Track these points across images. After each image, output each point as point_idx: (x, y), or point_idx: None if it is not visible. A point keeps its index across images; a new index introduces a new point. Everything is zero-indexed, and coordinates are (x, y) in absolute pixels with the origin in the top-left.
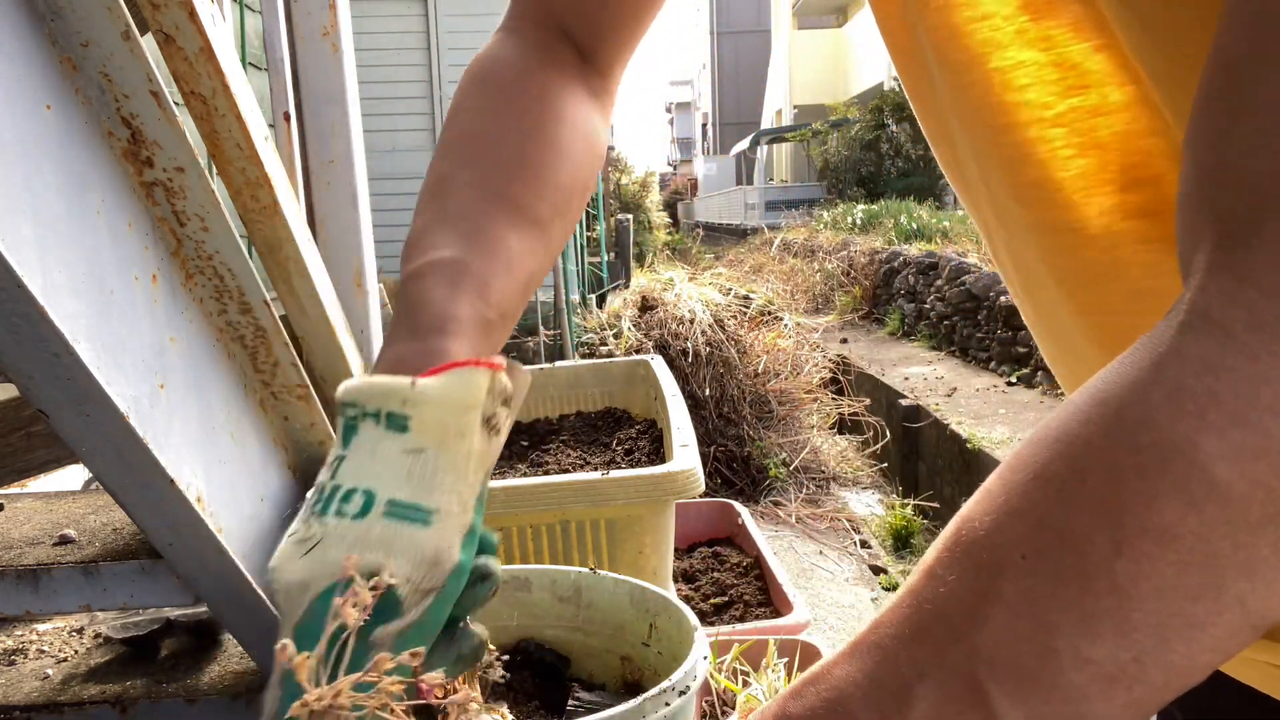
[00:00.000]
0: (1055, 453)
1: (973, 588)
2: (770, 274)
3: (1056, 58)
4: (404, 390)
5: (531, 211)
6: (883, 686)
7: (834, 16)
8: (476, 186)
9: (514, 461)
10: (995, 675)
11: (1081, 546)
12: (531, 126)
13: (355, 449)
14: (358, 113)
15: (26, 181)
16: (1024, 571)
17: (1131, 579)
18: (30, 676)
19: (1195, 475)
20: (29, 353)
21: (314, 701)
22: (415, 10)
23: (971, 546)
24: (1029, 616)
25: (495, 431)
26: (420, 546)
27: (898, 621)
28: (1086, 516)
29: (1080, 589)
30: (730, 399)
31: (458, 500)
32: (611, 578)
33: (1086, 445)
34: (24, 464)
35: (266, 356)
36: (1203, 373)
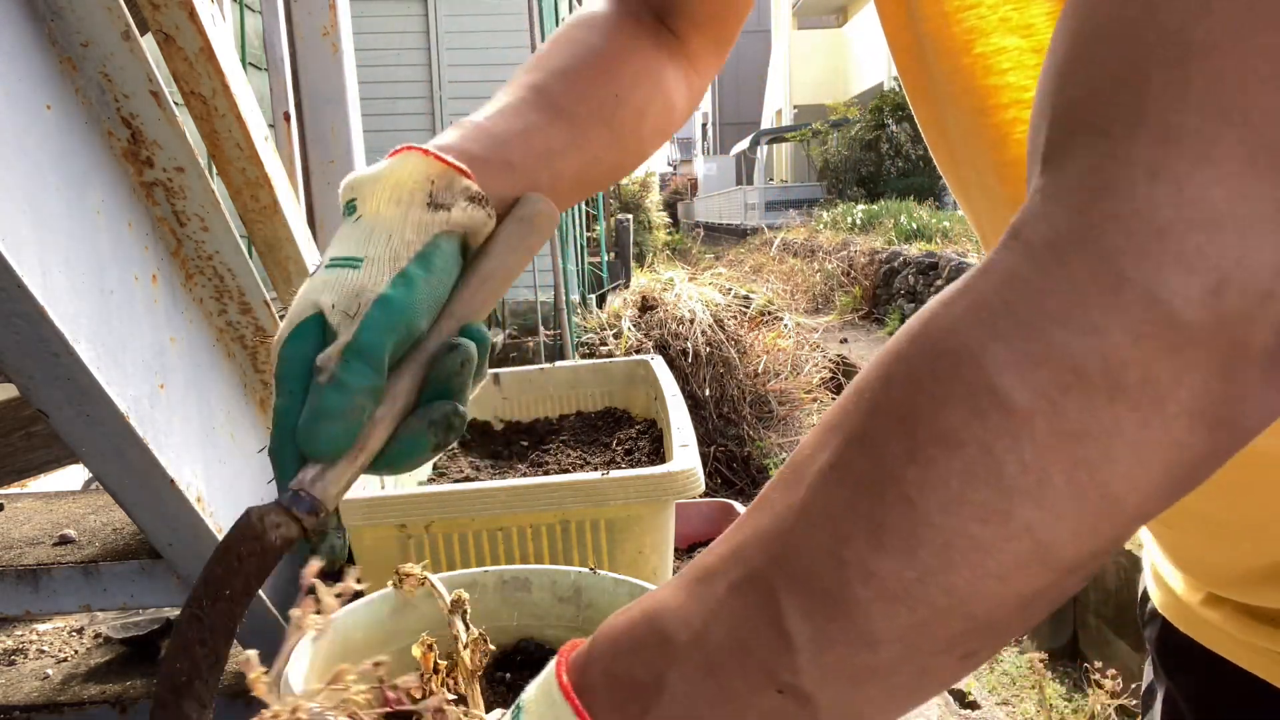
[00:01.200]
0: (872, 367)
1: (786, 502)
2: (770, 274)
3: (1035, 44)
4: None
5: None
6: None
7: (834, 16)
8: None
9: (514, 461)
10: (790, 588)
11: (879, 454)
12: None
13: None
14: (358, 113)
15: (26, 181)
16: (829, 482)
17: (919, 488)
18: (30, 676)
19: (981, 382)
20: (29, 353)
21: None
22: (415, 10)
23: (795, 465)
24: (826, 528)
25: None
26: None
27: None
28: (885, 423)
29: (873, 499)
30: (730, 399)
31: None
32: (611, 578)
33: (895, 356)
34: (24, 464)
35: (266, 356)
36: (1002, 285)
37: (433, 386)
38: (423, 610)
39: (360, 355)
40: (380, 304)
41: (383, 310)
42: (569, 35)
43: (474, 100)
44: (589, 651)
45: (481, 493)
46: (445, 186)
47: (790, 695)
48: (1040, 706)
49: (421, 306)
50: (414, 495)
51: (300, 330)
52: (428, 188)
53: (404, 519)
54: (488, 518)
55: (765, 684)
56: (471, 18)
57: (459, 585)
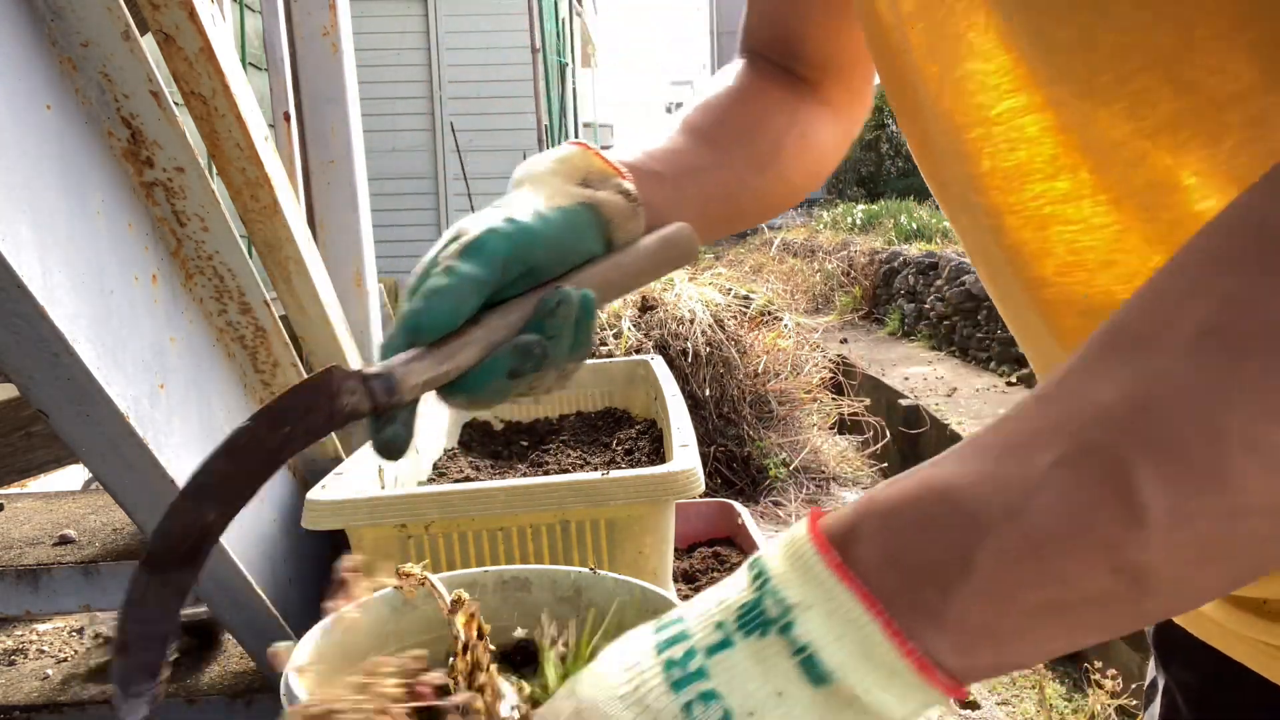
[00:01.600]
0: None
1: (1137, 372)
2: (770, 274)
3: (995, 67)
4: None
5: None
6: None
7: None
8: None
9: (514, 461)
10: (1149, 458)
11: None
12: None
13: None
14: (358, 113)
15: (26, 181)
16: (1204, 349)
17: None
18: (30, 676)
19: None
20: (29, 353)
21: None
22: (415, 10)
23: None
24: (1203, 394)
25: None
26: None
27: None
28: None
29: (1266, 363)
30: (730, 399)
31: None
32: (612, 578)
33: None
34: (24, 464)
35: (266, 356)
36: None
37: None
38: (423, 610)
39: (473, 251)
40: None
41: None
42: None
43: (474, 100)
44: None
45: (481, 493)
46: (599, 175)
47: (1126, 575)
48: (1040, 706)
49: (543, 243)
50: (414, 495)
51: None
52: (584, 171)
53: (404, 519)
54: (488, 518)
55: (1100, 562)
56: (471, 18)
57: (459, 585)
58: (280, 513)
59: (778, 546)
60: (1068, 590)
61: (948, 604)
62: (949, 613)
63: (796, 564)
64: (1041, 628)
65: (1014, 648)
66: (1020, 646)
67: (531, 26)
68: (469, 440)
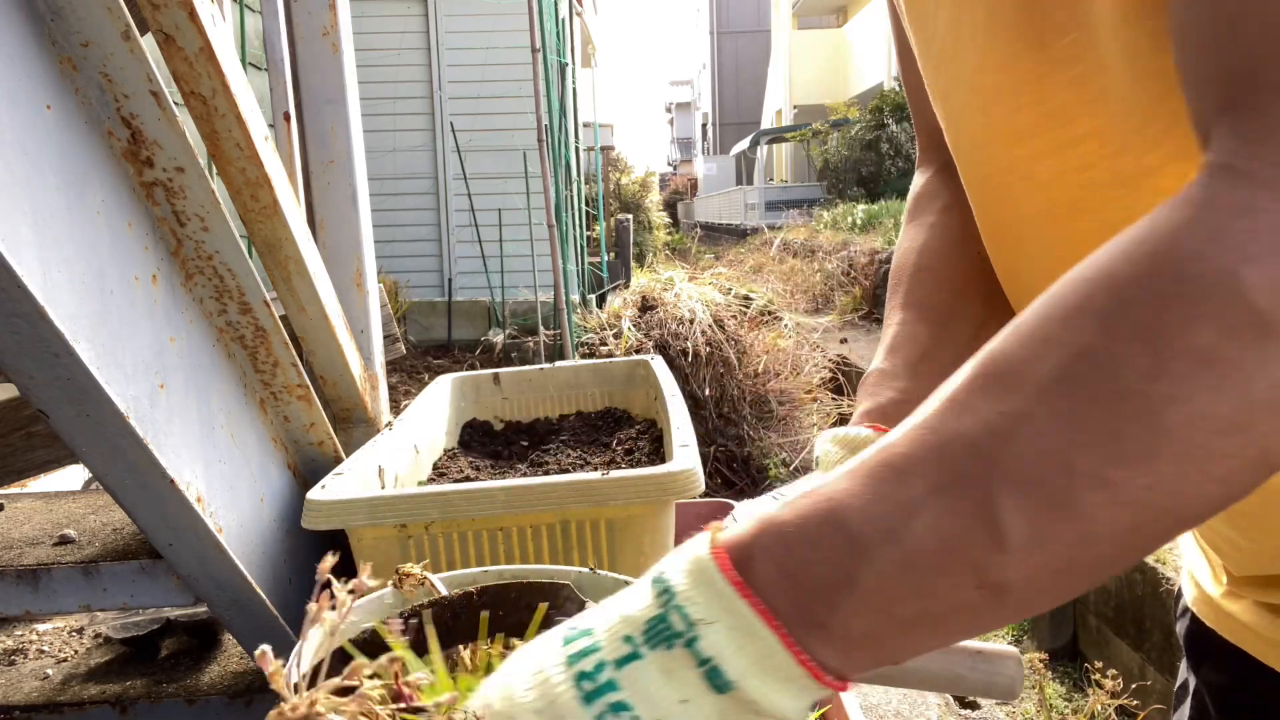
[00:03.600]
0: (1097, 287)
1: (1001, 409)
2: (770, 274)
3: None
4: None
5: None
6: (885, 500)
7: (834, 16)
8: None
9: (514, 461)
10: (1009, 489)
11: (1120, 370)
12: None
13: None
14: (358, 113)
15: (26, 181)
16: (1059, 394)
17: (1166, 402)
18: (30, 676)
19: (1236, 303)
20: (29, 353)
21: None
22: (415, 10)
23: (1002, 375)
24: (1057, 435)
25: None
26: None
27: (910, 442)
28: (1127, 341)
29: (1113, 411)
30: (730, 399)
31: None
32: (611, 578)
33: (1131, 280)
34: (24, 464)
35: (266, 356)
36: (1239, 215)
37: None
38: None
39: None
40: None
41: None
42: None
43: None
44: (751, 545)
45: (481, 493)
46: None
47: (989, 590)
48: (1040, 706)
49: None
50: (414, 495)
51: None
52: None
53: (404, 519)
54: (488, 518)
55: (967, 581)
56: (471, 18)
57: (459, 585)
58: (280, 513)
59: (680, 563)
60: (937, 603)
61: (834, 616)
62: (835, 624)
63: (699, 581)
64: (914, 633)
65: (889, 650)
66: (896, 648)
67: (531, 26)
68: (469, 440)
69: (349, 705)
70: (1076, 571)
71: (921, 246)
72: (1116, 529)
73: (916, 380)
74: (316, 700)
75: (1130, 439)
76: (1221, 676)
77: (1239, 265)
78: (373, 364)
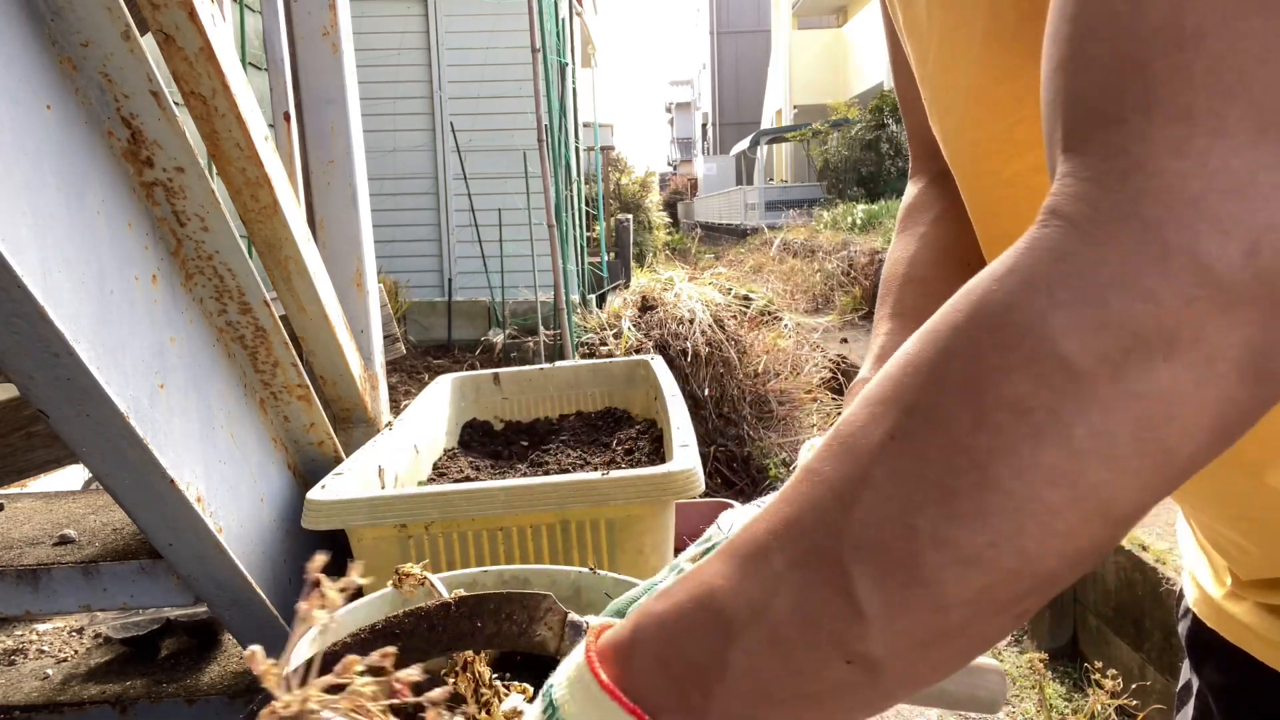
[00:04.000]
0: (925, 342)
1: (845, 475)
2: (770, 274)
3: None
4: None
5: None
6: (750, 577)
7: (834, 16)
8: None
9: (514, 461)
10: (859, 558)
11: (946, 423)
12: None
13: None
14: (358, 113)
15: (26, 181)
16: (893, 453)
17: (990, 455)
18: (30, 676)
19: (1045, 349)
20: (29, 353)
21: (282, 709)
22: (415, 10)
23: (845, 439)
24: (895, 497)
25: None
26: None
27: (771, 518)
28: (950, 395)
29: (943, 466)
30: (730, 399)
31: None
32: (611, 577)
33: (952, 330)
34: (24, 464)
35: (266, 356)
36: (1054, 260)
37: None
38: None
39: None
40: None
41: None
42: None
43: (474, 100)
44: (631, 638)
45: (481, 493)
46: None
47: (859, 664)
48: (1040, 706)
49: None
50: (414, 495)
51: None
52: None
53: (404, 519)
54: (488, 518)
55: (834, 655)
56: (471, 18)
57: (459, 585)
58: (280, 513)
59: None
60: (811, 682)
61: (709, 703)
62: (713, 710)
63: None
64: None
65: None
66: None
67: (531, 26)
68: (469, 440)
69: (341, 702)
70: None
71: (911, 257)
72: (969, 591)
73: None
74: (309, 698)
75: (962, 496)
76: (1224, 678)
77: (1048, 311)
78: (373, 364)
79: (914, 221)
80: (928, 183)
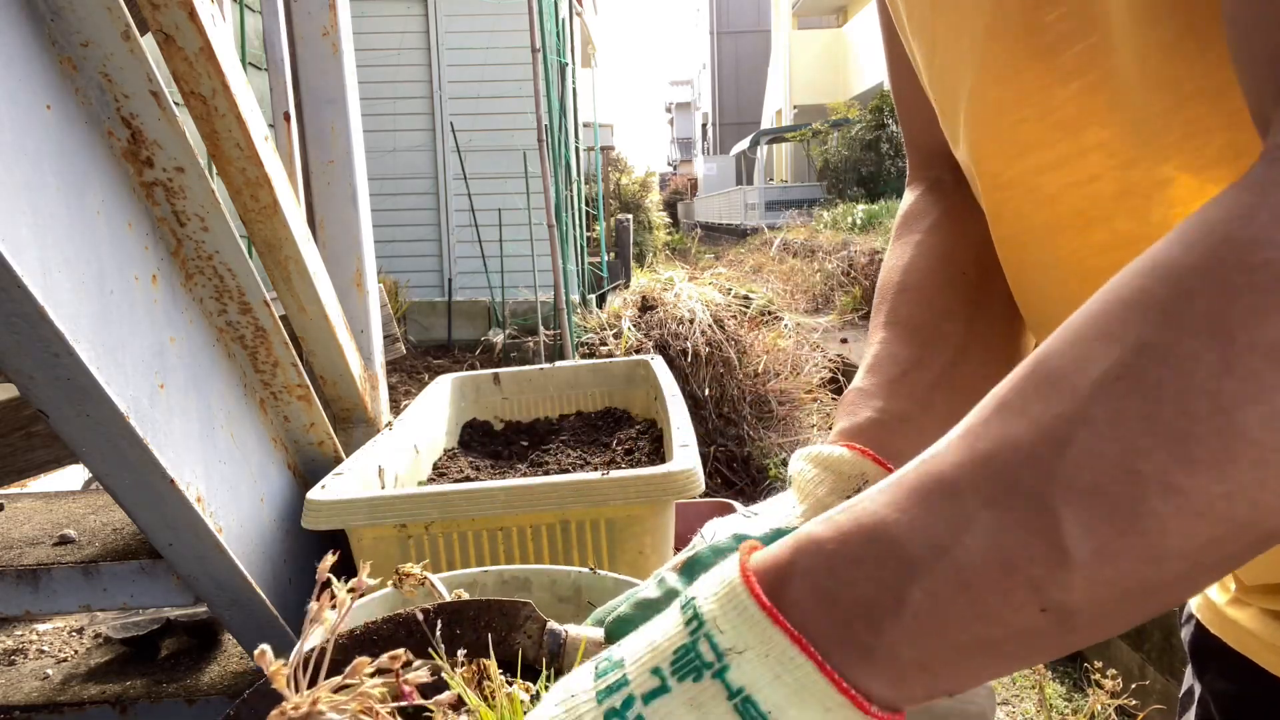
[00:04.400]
0: (1156, 279)
1: (1056, 412)
2: (770, 274)
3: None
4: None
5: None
6: (934, 515)
7: (834, 16)
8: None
9: (514, 461)
10: (1070, 499)
11: (1186, 365)
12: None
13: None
14: (358, 113)
15: (26, 181)
16: (1118, 393)
17: (1238, 400)
18: (30, 676)
19: None
20: (29, 353)
21: (291, 709)
22: (415, 10)
23: (1054, 375)
24: (1118, 439)
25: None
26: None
27: (957, 451)
28: (1193, 335)
29: (1180, 410)
30: (730, 399)
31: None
32: (611, 577)
33: (1193, 269)
34: (24, 464)
35: (266, 356)
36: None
37: None
38: None
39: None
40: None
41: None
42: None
43: (474, 100)
44: (789, 564)
45: (481, 493)
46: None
47: (1053, 612)
48: (1040, 706)
49: None
50: (414, 495)
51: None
52: (857, 481)
53: (404, 519)
54: (488, 518)
55: (1029, 602)
56: (471, 18)
57: (459, 585)
58: (280, 513)
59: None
60: (996, 627)
61: (880, 640)
62: (881, 649)
63: (729, 606)
64: (972, 660)
65: (946, 678)
66: (952, 676)
67: (531, 26)
68: (469, 440)
69: (350, 703)
70: (1151, 591)
71: (906, 265)
72: (1193, 543)
73: (895, 401)
74: (319, 699)
75: (1200, 441)
76: (1227, 684)
77: None
78: (373, 364)
79: (910, 229)
80: (924, 189)
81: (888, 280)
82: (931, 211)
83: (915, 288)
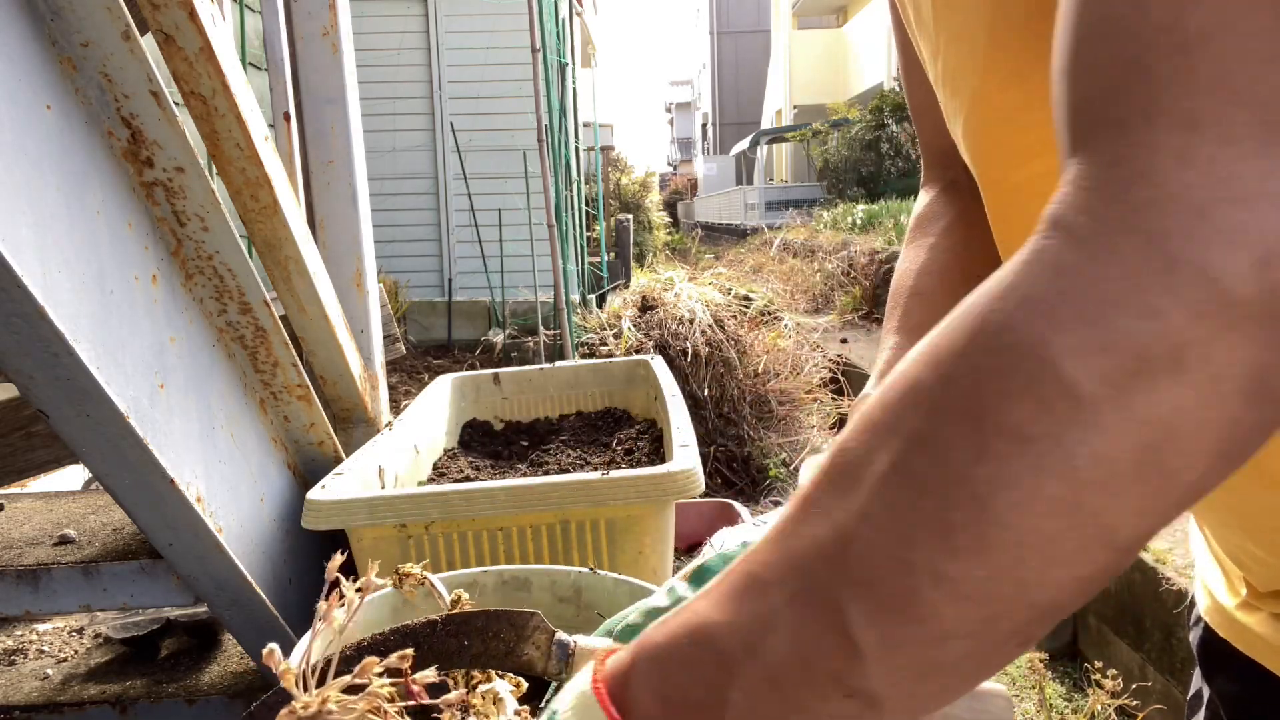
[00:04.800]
0: (924, 365)
1: (843, 507)
2: (770, 274)
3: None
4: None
5: (908, 321)
6: (745, 613)
7: (834, 16)
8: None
9: (514, 461)
10: (854, 594)
11: (944, 454)
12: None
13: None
14: (358, 113)
15: (26, 181)
16: (891, 485)
17: (990, 487)
18: (30, 676)
19: (1046, 372)
20: (29, 353)
21: (301, 709)
22: (415, 10)
23: (845, 469)
24: (891, 531)
25: None
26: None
27: (768, 550)
28: (951, 422)
29: (941, 500)
30: (730, 399)
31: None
32: (611, 577)
33: (951, 352)
34: (24, 464)
35: (266, 356)
36: (1053, 275)
37: None
38: (423, 610)
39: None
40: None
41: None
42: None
43: (474, 100)
44: (628, 671)
45: (481, 493)
46: None
47: (859, 698)
48: (1040, 706)
49: None
50: (414, 495)
51: None
52: None
53: (404, 519)
54: (488, 518)
55: (833, 691)
56: (471, 18)
57: (459, 585)
58: (280, 513)
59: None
60: (812, 717)
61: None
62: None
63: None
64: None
65: None
66: None
67: (531, 26)
68: (469, 440)
69: (359, 704)
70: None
71: (919, 269)
72: (968, 625)
73: None
74: (328, 698)
75: (961, 529)
76: (1235, 687)
77: (1049, 333)
78: (373, 364)
79: (924, 231)
80: (939, 191)
81: (900, 284)
82: (946, 214)
83: (928, 292)
